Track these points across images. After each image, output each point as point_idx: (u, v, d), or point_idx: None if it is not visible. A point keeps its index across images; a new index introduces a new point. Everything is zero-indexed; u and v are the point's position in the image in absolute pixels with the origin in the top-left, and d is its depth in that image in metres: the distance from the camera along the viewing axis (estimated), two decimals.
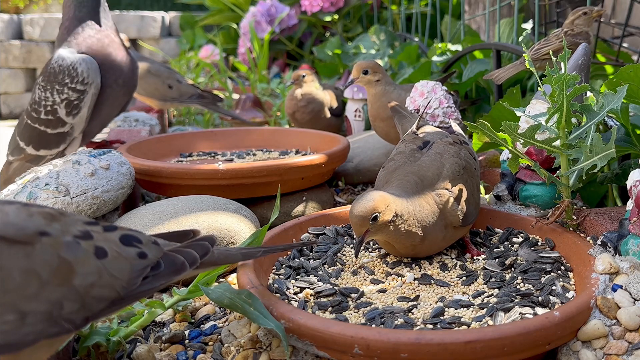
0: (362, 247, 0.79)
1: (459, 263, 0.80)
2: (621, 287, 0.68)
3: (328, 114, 1.55)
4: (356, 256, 0.76)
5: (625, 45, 1.34)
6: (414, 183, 0.79)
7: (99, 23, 1.12)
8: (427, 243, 0.78)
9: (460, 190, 0.80)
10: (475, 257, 0.82)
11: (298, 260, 0.81)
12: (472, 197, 0.83)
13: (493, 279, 0.75)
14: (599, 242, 0.76)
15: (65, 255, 0.49)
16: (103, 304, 0.51)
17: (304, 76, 1.53)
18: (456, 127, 0.98)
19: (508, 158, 0.90)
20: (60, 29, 1.14)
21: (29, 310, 0.46)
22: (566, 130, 0.78)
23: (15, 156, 1.14)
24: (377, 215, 0.72)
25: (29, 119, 1.11)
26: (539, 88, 0.86)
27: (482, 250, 0.84)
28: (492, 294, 0.72)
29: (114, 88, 1.12)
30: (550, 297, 0.69)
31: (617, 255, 0.74)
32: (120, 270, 0.52)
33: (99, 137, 1.38)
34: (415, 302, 0.70)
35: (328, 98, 1.56)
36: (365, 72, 1.17)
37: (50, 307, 0.47)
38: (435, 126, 0.98)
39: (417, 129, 0.94)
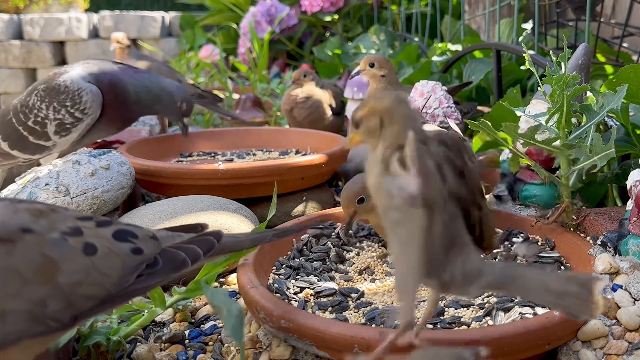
0: (351, 230, 0.80)
1: None
2: (621, 287, 0.68)
3: (329, 112, 1.55)
4: (345, 235, 0.78)
5: (625, 45, 1.34)
6: None
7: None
8: None
9: None
10: None
11: (298, 260, 0.81)
12: None
13: None
14: (599, 242, 0.76)
15: (49, 252, 0.48)
16: (92, 302, 0.50)
17: (305, 75, 1.53)
18: (455, 127, 0.98)
19: (508, 158, 0.90)
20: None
21: (9, 310, 0.45)
22: (566, 130, 0.78)
23: None
24: (363, 198, 0.74)
25: (15, 118, 1.08)
26: (539, 88, 0.86)
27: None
28: (492, 294, 0.72)
29: (109, 123, 1.11)
30: None
31: (617, 255, 0.74)
32: (111, 268, 0.51)
33: None
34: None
35: (327, 96, 1.55)
36: (372, 65, 1.16)
37: (32, 306, 0.46)
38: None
39: None
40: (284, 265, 0.80)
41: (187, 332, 0.74)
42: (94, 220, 0.53)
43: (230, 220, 0.91)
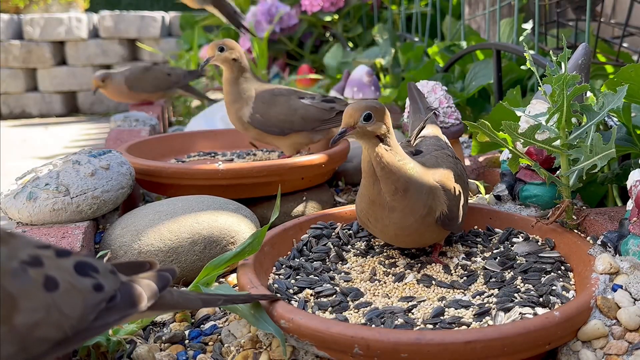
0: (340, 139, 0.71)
1: (459, 263, 0.80)
2: (621, 287, 0.68)
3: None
4: (334, 142, 0.71)
5: (625, 45, 1.34)
6: None
7: None
8: (408, 205, 0.72)
9: (454, 188, 0.78)
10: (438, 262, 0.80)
11: (298, 260, 0.81)
12: (459, 206, 0.79)
13: (493, 279, 0.75)
14: (599, 242, 0.76)
15: (8, 286, 0.41)
16: (46, 345, 0.43)
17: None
18: (444, 138, 0.93)
19: (508, 158, 0.90)
20: None
21: None
22: (566, 130, 0.78)
23: None
24: (370, 114, 0.69)
25: None
26: (539, 88, 0.86)
27: (451, 258, 0.83)
28: (492, 294, 0.72)
29: None
30: (550, 297, 0.69)
31: (617, 255, 0.74)
32: (72, 307, 0.45)
33: (97, 136, 1.38)
34: (415, 302, 0.70)
35: None
36: (222, 49, 1.09)
37: None
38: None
39: (416, 137, 0.90)
40: (284, 266, 0.80)
41: (187, 332, 0.74)
42: (53, 249, 0.47)
43: (230, 220, 0.91)
